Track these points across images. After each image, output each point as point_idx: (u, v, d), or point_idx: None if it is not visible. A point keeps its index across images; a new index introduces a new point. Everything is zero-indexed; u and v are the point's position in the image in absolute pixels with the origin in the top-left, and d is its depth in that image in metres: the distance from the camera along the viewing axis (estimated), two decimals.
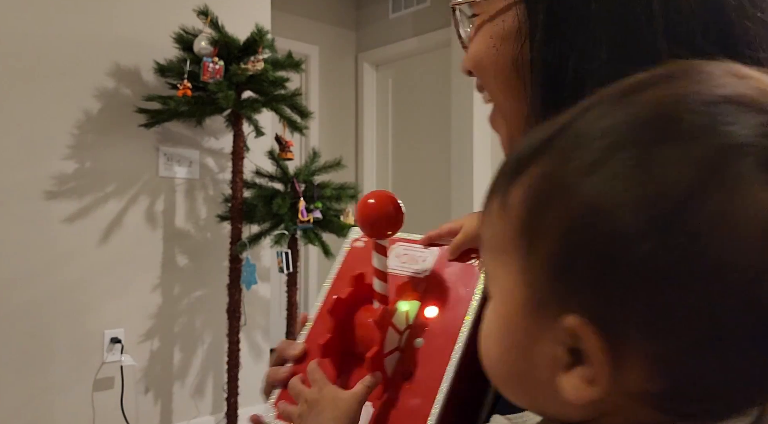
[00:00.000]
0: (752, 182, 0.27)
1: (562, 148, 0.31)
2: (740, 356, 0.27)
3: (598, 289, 0.28)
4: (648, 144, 0.29)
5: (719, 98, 0.29)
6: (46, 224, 2.20)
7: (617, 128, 0.30)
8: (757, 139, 0.27)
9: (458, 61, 2.69)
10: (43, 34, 2.20)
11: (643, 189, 0.28)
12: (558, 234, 0.30)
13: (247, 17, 2.61)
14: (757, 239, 0.26)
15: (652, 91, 0.30)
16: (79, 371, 2.26)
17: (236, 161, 2.30)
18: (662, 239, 0.27)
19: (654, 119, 0.29)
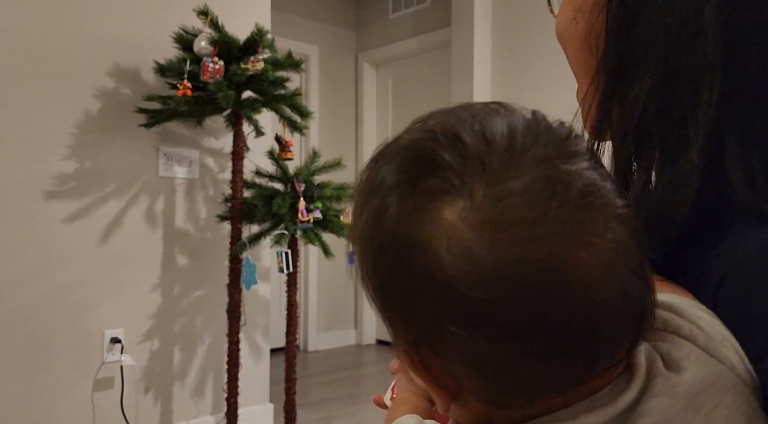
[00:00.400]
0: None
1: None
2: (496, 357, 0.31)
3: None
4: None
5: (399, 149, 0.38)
6: (46, 223, 2.20)
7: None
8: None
9: (458, 60, 2.72)
10: (43, 34, 2.20)
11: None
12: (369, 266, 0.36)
13: (247, 17, 2.61)
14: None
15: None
16: (79, 371, 2.26)
17: (236, 161, 2.30)
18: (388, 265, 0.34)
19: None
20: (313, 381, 3.54)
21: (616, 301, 0.32)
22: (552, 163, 0.32)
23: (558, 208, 0.30)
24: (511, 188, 0.31)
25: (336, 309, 4.57)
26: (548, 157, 0.32)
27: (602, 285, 0.31)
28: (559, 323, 0.30)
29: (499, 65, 3.65)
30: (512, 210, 0.30)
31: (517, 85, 3.55)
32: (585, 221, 0.31)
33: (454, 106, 0.39)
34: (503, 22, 3.63)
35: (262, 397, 2.77)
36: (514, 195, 0.31)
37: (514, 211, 0.30)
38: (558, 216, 0.30)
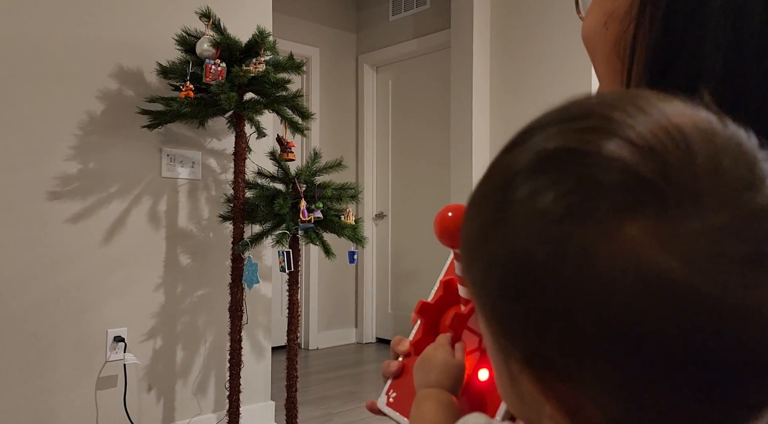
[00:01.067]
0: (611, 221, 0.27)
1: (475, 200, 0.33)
2: (661, 389, 0.27)
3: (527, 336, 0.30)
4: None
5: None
6: (50, 224, 2.22)
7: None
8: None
9: (457, 62, 2.76)
10: (47, 37, 2.22)
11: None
12: (490, 283, 0.31)
13: (249, 20, 2.63)
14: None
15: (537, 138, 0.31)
16: (82, 370, 2.28)
17: (238, 162, 2.31)
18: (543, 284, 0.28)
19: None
20: (314, 379, 3.56)
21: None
22: (758, 190, 0.28)
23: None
24: (723, 223, 0.27)
25: (337, 308, 4.59)
26: (751, 180, 0.28)
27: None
28: (756, 360, 0.27)
29: (498, 67, 3.67)
30: (728, 248, 0.27)
31: (517, 86, 3.57)
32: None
33: (577, 99, 0.32)
34: (502, 24, 3.65)
35: (264, 394, 2.79)
36: (728, 233, 0.27)
37: (730, 250, 0.27)
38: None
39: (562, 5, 3.29)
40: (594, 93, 0.32)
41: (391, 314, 4.54)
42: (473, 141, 3.65)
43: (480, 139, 3.68)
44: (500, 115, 3.68)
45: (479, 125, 3.68)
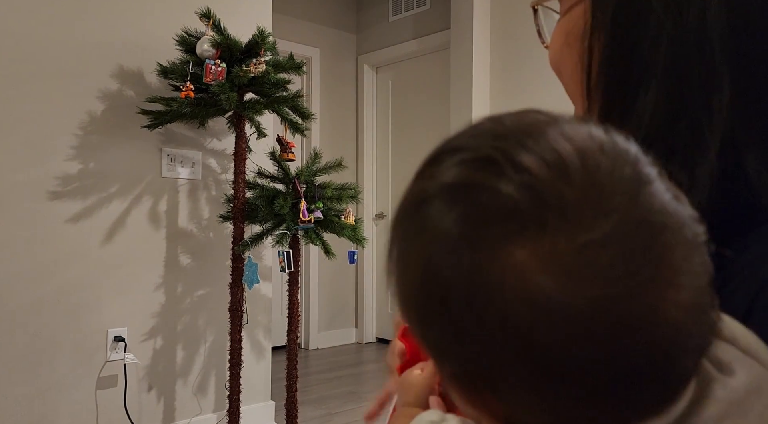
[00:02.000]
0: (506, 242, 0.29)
1: None
2: (551, 397, 0.30)
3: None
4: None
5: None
6: (50, 223, 2.22)
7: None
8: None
9: (457, 63, 2.76)
10: (48, 37, 2.22)
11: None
12: None
13: (249, 20, 2.64)
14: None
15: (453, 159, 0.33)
16: (82, 369, 2.28)
17: (238, 162, 2.32)
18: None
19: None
20: (314, 379, 3.56)
21: (697, 338, 0.31)
22: (634, 200, 0.29)
23: (646, 255, 0.29)
24: (594, 238, 0.28)
25: (337, 308, 4.59)
26: (629, 191, 0.30)
27: (687, 324, 0.30)
28: (637, 367, 0.29)
29: (497, 68, 3.67)
30: (597, 262, 0.28)
31: (516, 87, 3.57)
32: (672, 262, 0.29)
33: (485, 121, 0.35)
34: (502, 24, 3.65)
35: (264, 394, 2.79)
36: (599, 246, 0.28)
37: (600, 263, 0.28)
38: (647, 263, 0.29)
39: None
40: (493, 116, 0.35)
41: (391, 314, 4.54)
42: None
43: None
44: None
45: None
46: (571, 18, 0.48)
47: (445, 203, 0.31)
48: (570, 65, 0.48)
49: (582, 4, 0.46)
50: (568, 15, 0.48)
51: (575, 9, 0.47)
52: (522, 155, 0.30)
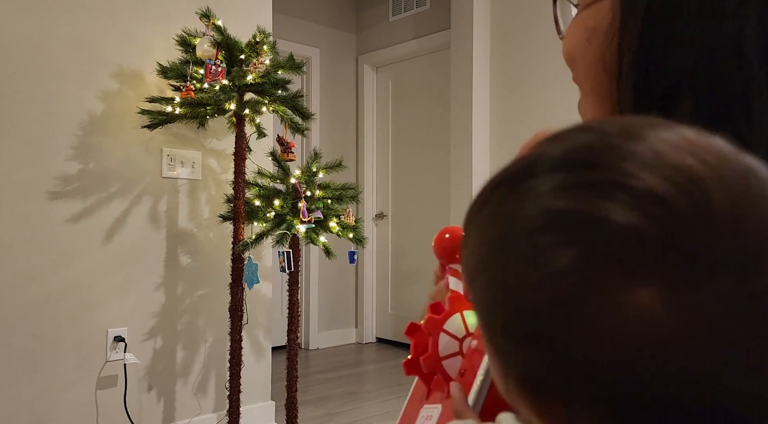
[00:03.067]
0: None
1: (502, 214, 0.32)
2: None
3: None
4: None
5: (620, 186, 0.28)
6: (50, 223, 2.22)
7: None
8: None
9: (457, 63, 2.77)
10: (47, 37, 2.22)
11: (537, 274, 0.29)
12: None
13: (249, 20, 2.64)
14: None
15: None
16: (82, 369, 2.28)
17: (238, 162, 2.31)
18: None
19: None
20: (314, 379, 3.56)
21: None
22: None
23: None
24: (728, 297, 0.26)
25: (337, 308, 4.59)
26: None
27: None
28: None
29: (497, 68, 3.67)
30: (750, 316, 0.26)
31: (516, 87, 3.57)
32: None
33: (578, 129, 0.32)
34: (502, 24, 3.65)
35: (264, 394, 2.79)
36: (732, 307, 0.26)
37: (735, 325, 0.26)
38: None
39: None
40: (595, 123, 0.32)
41: (391, 314, 4.54)
42: (473, 141, 3.65)
43: (480, 140, 3.68)
44: (500, 115, 3.68)
45: (479, 126, 3.68)
46: (594, 13, 0.47)
47: (552, 234, 0.28)
48: (588, 61, 0.48)
49: (606, 1, 0.46)
50: (590, 9, 0.48)
51: (598, 5, 0.47)
52: (647, 170, 0.27)
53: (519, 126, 3.60)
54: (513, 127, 3.63)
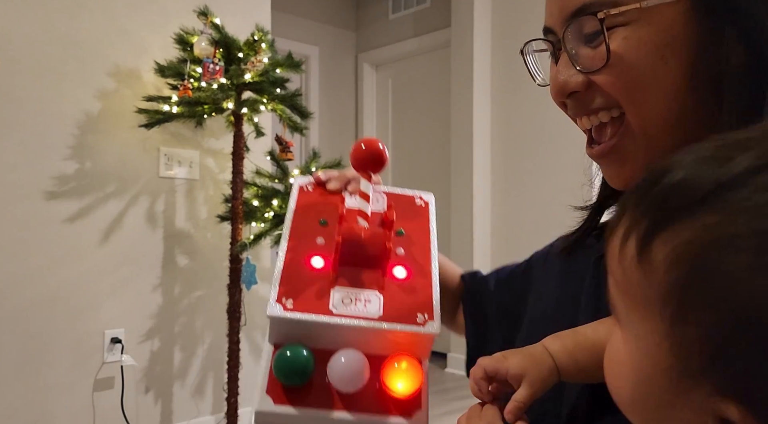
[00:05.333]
0: None
1: (737, 210, 0.28)
2: None
3: (764, 384, 0.28)
4: None
5: None
6: (47, 224, 2.21)
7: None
8: None
9: (458, 61, 2.71)
10: (44, 35, 2.20)
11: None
12: (721, 323, 0.28)
13: (248, 18, 2.62)
14: None
15: None
16: (79, 371, 2.27)
17: (236, 162, 2.30)
18: None
19: None
20: None
21: None
22: None
23: None
24: None
25: None
26: None
27: None
28: None
29: (498, 66, 3.66)
30: None
31: (517, 85, 3.56)
32: None
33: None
34: (503, 22, 3.63)
35: None
36: None
37: None
38: None
39: None
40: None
41: None
42: (473, 140, 3.63)
43: (480, 138, 3.66)
44: (501, 113, 3.66)
45: (480, 124, 3.66)
46: (657, 28, 0.46)
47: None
48: (668, 84, 0.47)
49: (660, 17, 0.45)
50: (641, 25, 0.46)
51: (656, 21, 0.46)
52: None
53: (520, 124, 3.58)
54: (514, 126, 3.61)
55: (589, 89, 0.51)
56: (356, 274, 0.57)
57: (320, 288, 0.55)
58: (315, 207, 0.65)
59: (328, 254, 0.58)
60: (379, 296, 0.55)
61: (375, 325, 0.52)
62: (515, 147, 3.61)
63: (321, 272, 0.57)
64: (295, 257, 0.58)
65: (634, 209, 0.33)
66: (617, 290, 0.34)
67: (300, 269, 0.57)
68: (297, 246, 0.59)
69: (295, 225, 0.62)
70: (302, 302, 0.54)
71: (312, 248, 0.59)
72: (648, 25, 0.47)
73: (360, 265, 0.58)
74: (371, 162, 0.64)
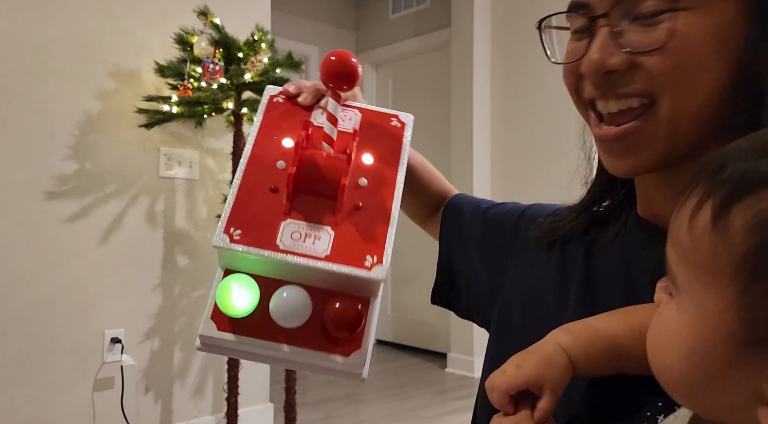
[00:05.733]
0: None
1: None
2: None
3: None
4: None
5: None
6: (47, 224, 2.21)
7: None
8: None
9: (458, 61, 2.72)
10: (44, 35, 2.20)
11: None
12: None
13: (247, 18, 2.62)
14: None
15: None
16: (79, 371, 2.27)
17: (236, 162, 2.30)
18: None
19: None
20: (312, 381, 3.54)
21: None
22: None
23: None
24: None
25: None
26: None
27: None
28: None
29: (498, 65, 3.65)
30: None
31: (517, 85, 3.55)
32: None
33: None
34: (503, 22, 3.63)
35: (263, 397, 2.77)
36: None
37: None
38: None
39: (564, 3, 3.28)
40: None
41: (391, 315, 4.52)
42: (474, 140, 3.63)
43: (480, 139, 3.66)
44: (501, 113, 3.66)
45: (480, 124, 3.66)
46: (715, 23, 0.46)
47: None
48: (709, 73, 0.47)
49: (720, 10, 0.46)
50: (697, 14, 0.46)
51: (716, 13, 0.46)
52: None
53: (520, 124, 3.58)
54: (514, 126, 3.61)
55: (630, 70, 0.49)
56: (311, 205, 0.55)
57: (271, 220, 0.54)
58: (282, 124, 0.61)
59: (285, 181, 0.55)
60: (330, 233, 0.53)
61: (320, 265, 0.51)
62: (515, 147, 3.61)
63: (274, 201, 0.55)
64: (251, 181, 0.56)
65: (710, 181, 0.34)
66: (681, 259, 0.35)
67: (254, 196, 0.55)
68: (255, 170, 0.57)
69: (257, 144, 0.59)
70: (250, 234, 0.52)
71: (270, 174, 0.56)
72: (709, 16, 0.46)
73: (317, 193, 0.55)
74: (341, 78, 0.59)
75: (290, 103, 0.64)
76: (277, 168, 0.57)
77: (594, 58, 0.50)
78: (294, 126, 0.61)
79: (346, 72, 0.59)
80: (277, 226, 0.53)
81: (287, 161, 0.57)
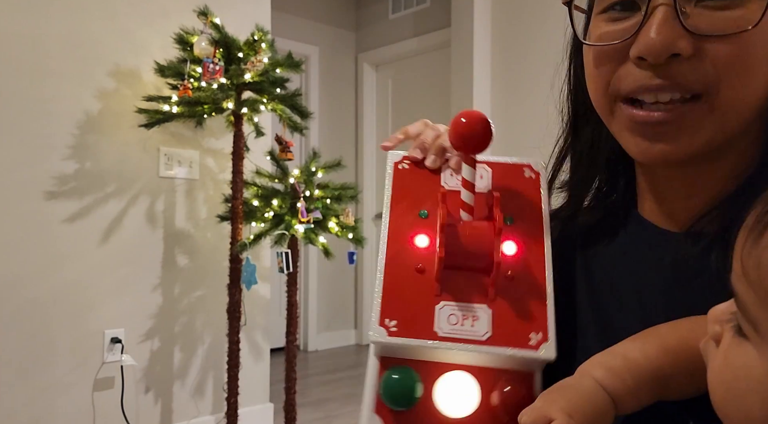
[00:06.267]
0: None
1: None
2: None
3: None
4: None
5: None
6: (47, 224, 2.21)
7: None
8: None
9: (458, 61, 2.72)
10: (44, 35, 2.20)
11: None
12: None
13: (248, 18, 2.62)
14: None
15: None
16: (79, 371, 2.27)
17: (236, 161, 2.30)
18: None
19: None
20: (312, 381, 3.54)
21: None
22: None
23: None
24: None
25: (336, 309, 4.57)
26: None
27: None
28: None
29: (498, 66, 3.65)
30: None
31: (517, 85, 3.55)
32: None
33: None
34: (503, 22, 3.63)
35: (262, 397, 2.77)
36: None
37: None
38: None
39: None
40: None
41: None
42: None
43: None
44: (501, 114, 3.66)
45: None
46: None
47: None
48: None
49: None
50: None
51: None
52: None
53: (520, 125, 3.57)
54: (514, 126, 3.61)
55: (693, 57, 0.45)
56: (460, 281, 0.52)
57: (424, 305, 0.51)
58: (413, 194, 0.58)
59: (430, 259, 0.52)
60: (487, 312, 0.50)
61: (485, 349, 0.49)
62: (515, 147, 3.61)
63: (423, 283, 0.52)
64: (395, 262, 0.53)
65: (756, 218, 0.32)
66: (757, 299, 0.32)
67: (402, 279, 0.52)
68: (397, 249, 0.54)
69: (392, 221, 0.56)
70: (406, 323, 0.50)
71: (413, 252, 0.53)
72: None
73: (465, 267, 0.52)
74: (475, 142, 0.55)
75: (416, 167, 0.62)
76: (418, 246, 0.54)
77: (657, 39, 0.44)
78: (427, 195, 0.57)
79: (481, 136, 0.56)
80: (431, 311, 0.51)
81: (429, 236, 0.54)
